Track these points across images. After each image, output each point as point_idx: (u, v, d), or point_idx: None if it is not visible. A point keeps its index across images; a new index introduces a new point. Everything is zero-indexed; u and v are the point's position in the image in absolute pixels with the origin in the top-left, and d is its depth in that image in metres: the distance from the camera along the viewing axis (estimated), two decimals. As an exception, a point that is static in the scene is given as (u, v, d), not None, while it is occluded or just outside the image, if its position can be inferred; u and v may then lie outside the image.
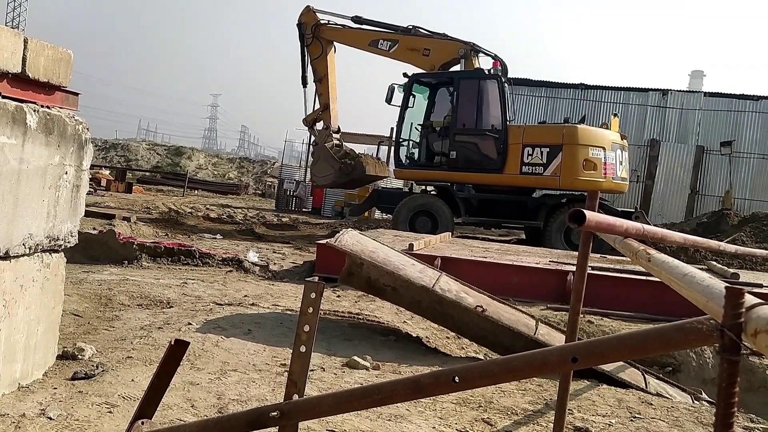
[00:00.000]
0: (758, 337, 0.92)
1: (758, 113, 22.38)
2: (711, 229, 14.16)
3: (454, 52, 13.68)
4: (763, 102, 22.47)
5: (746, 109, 22.51)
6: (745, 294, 1.01)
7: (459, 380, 1.72)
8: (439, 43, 13.91)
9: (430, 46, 13.82)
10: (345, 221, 18.20)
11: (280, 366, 3.95)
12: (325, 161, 14.57)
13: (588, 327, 6.08)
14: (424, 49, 13.79)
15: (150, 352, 3.99)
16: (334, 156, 14.36)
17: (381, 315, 5.87)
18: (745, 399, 5.12)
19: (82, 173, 3.54)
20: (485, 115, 13.03)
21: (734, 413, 0.99)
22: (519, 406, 3.65)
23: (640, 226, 2.52)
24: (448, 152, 13.17)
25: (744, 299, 1.00)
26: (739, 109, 22.58)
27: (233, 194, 31.04)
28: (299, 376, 2.27)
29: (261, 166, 46.13)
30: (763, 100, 22.53)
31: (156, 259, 7.92)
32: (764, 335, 0.89)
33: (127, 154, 42.73)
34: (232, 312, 5.36)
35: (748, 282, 7.50)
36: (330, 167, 14.45)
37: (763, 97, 22.64)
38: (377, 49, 14.12)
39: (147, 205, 17.50)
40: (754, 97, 22.64)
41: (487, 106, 13.06)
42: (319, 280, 2.34)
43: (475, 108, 12.99)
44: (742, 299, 0.99)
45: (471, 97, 13.03)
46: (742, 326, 0.98)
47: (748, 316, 0.98)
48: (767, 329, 0.89)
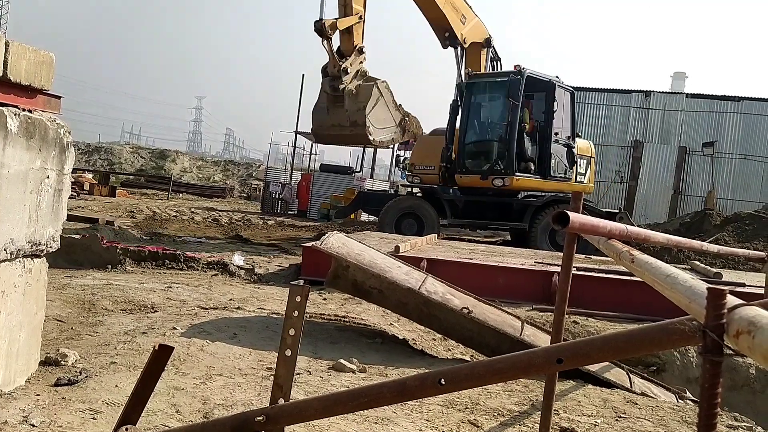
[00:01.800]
0: (740, 338, 0.92)
1: (739, 114, 22.65)
2: (694, 229, 14.30)
3: (483, 37, 13.72)
4: (744, 103, 22.74)
5: (728, 110, 22.77)
6: (726, 295, 1.01)
7: (445, 382, 1.72)
8: (477, 20, 13.89)
9: (468, 16, 13.62)
10: (331, 223, 18.17)
11: (266, 370, 3.93)
12: (384, 107, 11.14)
13: (573, 327, 6.11)
14: (462, 15, 13.51)
15: (134, 357, 3.96)
16: (395, 101, 11.33)
17: (367, 317, 5.86)
18: (728, 398, 5.17)
19: (64, 177, 3.51)
20: (566, 125, 13.32)
21: (717, 413, 0.99)
22: (505, 407, 3.66)
23: (623, 227, 2.54)
24: (543, 161, 12.91)
25: (726, 300, 1.00)
26: (720, 110, 22.84)
27: (218, 197, 30.90)
28: (285, 380, 2.26)
29: (246, 169, 45.95)
30: (744, 101, 22.81)
31: (140, 263, 7.85)
32: (746, 336, 0.90)
33: (110, 157, 42.38)
34: (217, 316, 5.32)
35: (731, 281, 7.58)
36: (391, 117, 11.26)
37: (744, 98, 22.92)
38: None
39: (131, 209, 17.38)
40: (736, 98, 22.92)
41: (567, 116, 13.29)
42: (304, 284, 2.34)
43: (569, 118, 13.27)
44: (724, 300, 1.00)
45: (565, 107, 13.24)
46: (724, 327, 0.99)
47: (730, 317, 0.98)
48: (749, 330, 0.90)
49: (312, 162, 33.49)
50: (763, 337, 0.85)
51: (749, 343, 0.89)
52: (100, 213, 14.69)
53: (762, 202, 19.49)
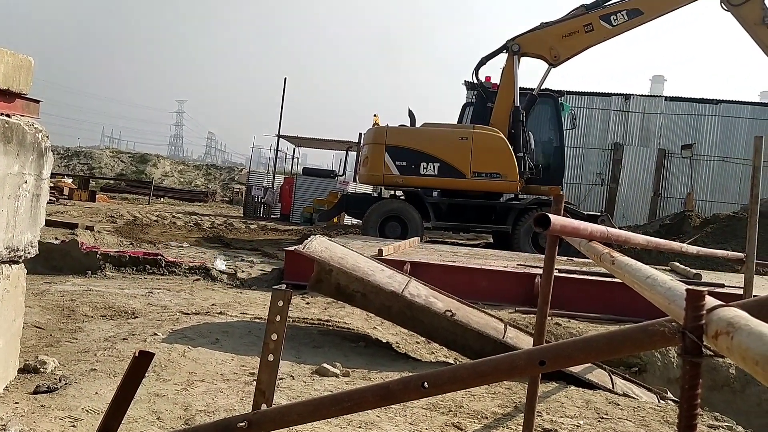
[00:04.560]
0: (719, 339, 0.93)
1: (717, 116, 22.97)
2: (673, 231, 14.46)
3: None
4: (722, 105, 23.07)
5: (706, 113, 23.08)
6: (705, 296, 1.02)
7: (428, 386, 1.72)
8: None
9: None
10: (314, 227, 18.13)
11: (249, 375, 3.90)
12: None
13: (556, 329, 6.15)
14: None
15: (114, 363, 3.91)
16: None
17: (351, 321, 5.85)
18: (709, 397, 5.23)
19: (42, 182, 3.47)
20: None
21: (697, 415, 1.00)
22: (489, 409, 3.67)
23: (604, 229, 2.56)
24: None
25: (704, 302, 1.01)
26: (698, 113, 23.14)
27: (200, 201, 30.69)
28: (267, 385, 2.25)
29: (228, 173, 45.74)
30: (722, 103, 23.14)
31: (120, 268, 7.77)
32: (725, 337, 0.91)
33: (90, 161, 41.95)
34: (199, 321, 5.28)
35: (711, 282, 7.67)
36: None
37: (721, 100, 23.24)
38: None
39: (111, 213, 17.21)
40: (713, 100, 23.24)
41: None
42: (286, 288, 2.33)
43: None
44: (703, 302, 1.01)
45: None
46: (703, 328, 1.00)
47: (708, 318, 0.99)
48: (727, 331, 0.90)
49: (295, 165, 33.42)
50: (741, 338, 0.86)
51: (728, 344, 0.89)
52: (80, 218, 14.53)
53: (740, 204, 19.74)
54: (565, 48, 12.85)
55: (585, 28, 12.67)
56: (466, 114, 14.73)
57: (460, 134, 12.77)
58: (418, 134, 13.04)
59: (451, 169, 12.56)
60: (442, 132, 12.99)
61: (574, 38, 12.77)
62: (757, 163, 5.17)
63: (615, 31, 12.64)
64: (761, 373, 0.80)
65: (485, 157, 12.48)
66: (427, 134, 12.99)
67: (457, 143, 12.58)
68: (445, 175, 12.62)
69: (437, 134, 12.94)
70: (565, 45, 12.83)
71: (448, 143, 12.64)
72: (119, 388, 2.13)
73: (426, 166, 12.62)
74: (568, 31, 12.79)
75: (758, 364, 0.79)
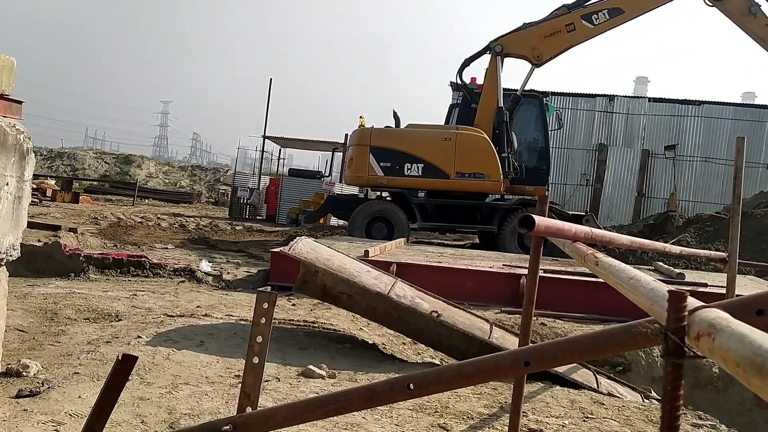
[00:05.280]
0: (701, 340, 0.94)
1: (700, 117, 23.20)
2: (657, 231, 14.57)
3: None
4: (705, 106, 23.30)
5: (688, 114, 23.30)
6: (687, 297, 1.03)
7: (414, 387, 1.73)
8: None
9: None
10: (300, 228, 18.08)
11: (234, 378, 3.88)
12: None
13: (541, 329, 6.17)
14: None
15: (98, 367, 3.88)
16: None
17: (337, 322, 5.84)
18: (692, 396, 5.28)
19: (24, 184, 3.43)
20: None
21: (680, 415, 1.01)
22: (475, 410, 3.68)
23: (588, 230, 2.57)
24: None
25: (686, 303, 1.02)
26: (681, 114, 23.36)
27: (185, 203, 30.51)
28: (252, 388, 2.24)
29: (214, 174, 45.49)
30: (705, 104, 23.37)
31: (104, 270, 7.71)
32: (706, 338, 0.92)
33: (73, 163, 41.56)
34: (184, 324, 5.25)
35: (694, 281, 7.74)
36: None
37: (704, 101, 23.47)
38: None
39: (95, 215, 17.06)
40: (696, 101, 23.46)
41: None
42: (272, 290, 2.32)
43: None
44: (685, 303, 1.02)
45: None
46: (685, 329, 1.00)
47: (690, 319, 1.00)
48: (709, 332, 0.91)
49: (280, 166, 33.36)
50: (722, 340, 0.87)
51: (710, 346, 0.90)
52: (63, 220, 14.39)
53: (722, 204, 19.95)
54: (547, 48, 12.91)
55: (567, 28, 12.74)
56: (452, 115, 14.77)
57: (444, 135, 12.81)
58: (402, 135, 13.05)
59: (434, 170, 12.60)
60: (426, 133, 13.02)
61: (556, 38, 12.84)
62: (740, 163, 5.22)
63: (597, 30, 12.71)
64: (742, 374, 0.80)
65: (468, 158, 12.52)
66: (411, 135, 13.01)
67: (441, 144, 12.63)
68: (428, 176, 12.65)
69: (421, 135, 12.96)
70: (548, 45, 12.89)
71: (431, 144, 12.68)
72: (102, 391, 2.11)
73: (410, 166, 12.66)
74: (550, 31, 12.87)
75: (739, 366, 0.80)
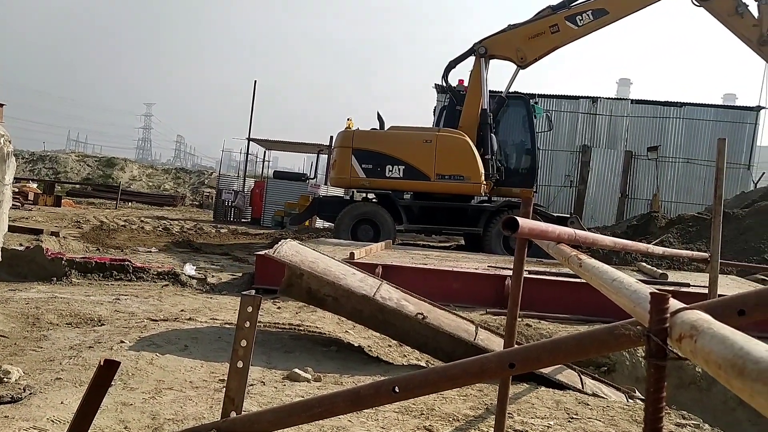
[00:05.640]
0: (683, 342, 0.94)
1: (681, 119, 23.42)
2: (640, 231, 14.66)
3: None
4: (686, 108, 23.53)
5: (670, 116, 23.52)
6: (669, 299, 1.04)
7: (399, 390, 1.72)
8: None
9: None
10: (285, 231, 18.02)
11: (219, 382, 3.86)
12: None
13: (526, 330, 6.20)
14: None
15: (80, 372, 3.84)
16: None
17: (322, 325, 5.82)
18: (676, 395, 5.32)
19: (5, 188, 3.39)
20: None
21: (662, 417, 1.01)
22: (460, 412, 3.68)
23: (572, 232, 2.58)
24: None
25: (668, 305, 1.02)
26: (663, 116, 23.57)
27: (169, 206, 30.27)
28: (237, 392, 2.22)
29: (198, 177, 45.20)
30: (686, 106, 23.59)
31: (87, 275, 7.63)
32: (688, 340, 0.92)
33: (55, 166, 41.12)
34: (167, 328, 5.21)
35: (677, 282, 7.81)
36: None
37: (686, 103, 23.70)
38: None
39: (77, 218, 16.89)
40: (678, 103, 23.69)
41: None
42: (256, 294, 2.30)
43: None
44: (667, 305, 1.02)
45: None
46: (668, 331, 1.01)
47: (672, 321, 1.00)
48: (691, 334, 0.91)
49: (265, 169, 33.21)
50: (704, 342, 0.87)
51: (691, 348, 0.90)
52: (45, 224, 14.23)
53: (704, 204, 20.13)
54: (531, 49, 12.95)
55: (551, 29, 12.79)
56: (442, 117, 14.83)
57: (425, 137, 12.86)
58: (383, 137, 13.10)
59: (415, 172, 12.65)
60: (407, 135, 13.06)
61: (540, 39, 12.89)
62: (721, 164, 5.28)
63: (581, 32, 12.76)
64: (724, 376, 0.81)
65: (448, 160, 12.56)
66: (392, 137, 13.06)
67: (422, 146, 12.68)
68: (409, 178, 12.71)
69: (402, 137, 13.00)
70: (532, 46, 12.94)
71: (412, 146, 12.74)
72: (85, 397, 2.09)
73: (391, 168, 12.72)
74: (534, 32, 12.91)
75: (721, 368, 0.80)
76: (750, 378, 0.76)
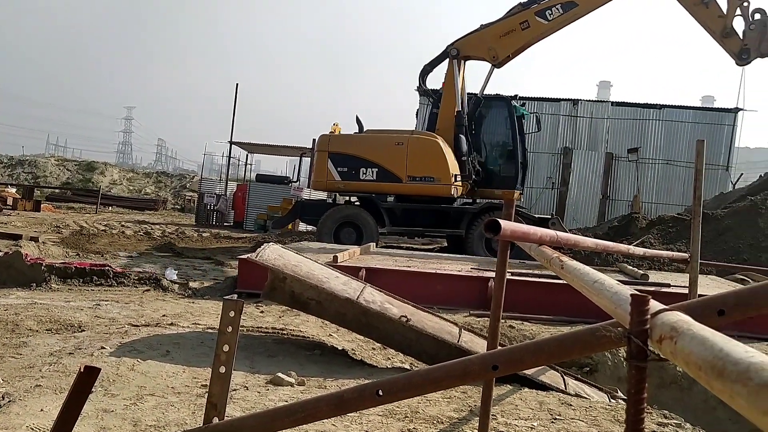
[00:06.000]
0: (663, 343, 0.95)
1: (661, 121, 23.66)
2: (621, 232, 14.78)
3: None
4: (666, 110, 23.77)
5: (650, 117, 23.74)
6: (649, 301, 1.04)
7: (383, 393, 1.72)
8: None
9: None
10: (268, 234, 17.94)
11: (201, 387, 3.83)
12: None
13: (509, 332, 6.22)
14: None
15: (60, 379, 3.79)
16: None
17: (306, 329, 5.80)
18: (657, 395, 5.37)
19: (-19, 193, 3.33)
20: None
21: (644, 417, 1.02)
22: (444, 414, 3.68)
23: (553, 234, 2.60)
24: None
25: (649, 306, 1.03)
26: (643, 118, 23.79)
27: (151, 210, 30.04)
28: (219, 398, 2.20)
29: (180, 180, 44.89)
30: (665, 108, 23.84)
31: (66, 280, 7.54)
32: (669, 342, 0.93)
33: (34, 170, 40.62)
34: (149, 333, 5.16)
35: (657, 282, 7.88)
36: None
37: (665, 105, 23.95)
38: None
39: (57, 223, 16.70)
40: (657, 105, 23.93)
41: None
42: (238, 298, 2.29)
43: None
44: (647, 306, 1.03)
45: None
46: (648, 333, 1.01)
47: (653, 322, 1.01)
48: (671, 336, 0.92)
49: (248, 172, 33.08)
50: (684, 343, 0.88)
51: (672, 349, 0.91)
52: (24, 229, 14.05)
53: (684, 205, 20.35)
54: (503, 47, 13.03)
55: (521, 26, 12.87)
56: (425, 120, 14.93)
57: (397, 140, 13.03)
58: (358, 141, 13.25)
59: (388, 174, 12.80)
60: (380, 138, 13.23)
61: (511, 37, 12.97)
62: (700, 165, 5.33)
63: (551, 26, 12.77)
64: (704, 377, 0.81)
65: (419, 162, 12.69)
66: (366, 140, 13.23)
67: (394, 149, 12.85)
68: (382, 180, 12.84)
69: (375, 140, 13.16)
70: (503, 44, 13.02)
71: (385, 149, 12.91)
72: (65, 404, 2.07)
73: (365, 171, 12.89)
74: (505, 30, 13.01)
75: (701, 369, 0.81)
76: (730, 379, 0.76)
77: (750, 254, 11.95)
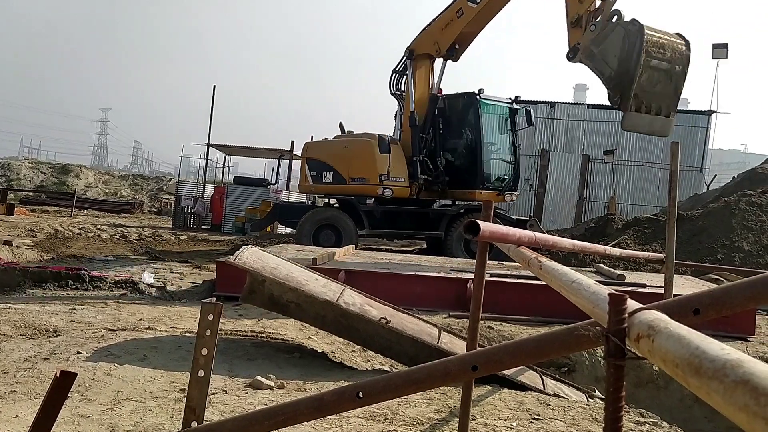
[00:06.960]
0: (640, 342, 0.96)
1: (636, 123, 23.93)
2: (598, 233, 14.93)
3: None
4: (641, 113, 24.06)
5: (626, 120, 24.01)
6: (627, 300, 1.06)
7: (363, 395, 1.72)
8: None
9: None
10: (246, 237, 17.84)
11: (179, 392, 3.79)
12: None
13: (488, 333, 6.25)
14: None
15: (35, 385, 3.74)
16: None
17: (285, 332, 5.78)
18: (634, 394, 5.43)
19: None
20: None
21: (622, 416, 1.03)
22: (424, 415, 3.69)
23: (532, 235, 2.62)
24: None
25: (626, 305, 1.04)
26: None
27: (127, 213, 29.70)
28: (198, 401, 2.19)
29: (156, 183, 44.48)
30: (641, 111, 24.13)
31: (41, 284, 7.43)
32: (646, 340, 0.94)
33: (7, 173, 39.96)
34: (126, 337, 5.10)
35: (634, 282, 7.97)
36: None
37: (640, 108, 24.24)
38: None
39: (31, 227, 16.45)
40: (633, 108, 24.21)
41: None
42: (218, 301, 2.27)
43: None
44: (625, 305, 1.04)
45: None
46: (626, 331, 1.03)
47: (630, 321, 1.02)
48: (648, 334, 0.93)
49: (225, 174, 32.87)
50: (661, 342, 0.89)
51: (649, 347, 0.92)
52: (-3, 232, 13.81)
53: (659, 207, 20.61)
54: (444, 39, 13.10)
55: (457, 15, 12.92)
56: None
57: (344, 144, 13.70)
58: (323, 147, 14.17)
59: (338, 176, 13.40)
60: (335, 143, 13.99)
61: (451, 27, 13.07)
62: (674, 167, 5.41)
63: (480, 8, 12.59)
64: (681, 375, 0.82)
65: (357, 163, 13.19)
66: (327, 146, 14.08)
67: (342, 152, 13.51)
68: (335, 182, 13.47)
69: (332, 145, 13.95)
70: (444, 36, 13.13)
71: (337, 153, 13.60)
72: (40, 410, 2.04)
73: (326, 174, 13.60)
74: (445, 22, 13.12)
75: (678, 367, 0.82)
76: (706, 376, 0.77)
77: (724, 254, 12.13)
